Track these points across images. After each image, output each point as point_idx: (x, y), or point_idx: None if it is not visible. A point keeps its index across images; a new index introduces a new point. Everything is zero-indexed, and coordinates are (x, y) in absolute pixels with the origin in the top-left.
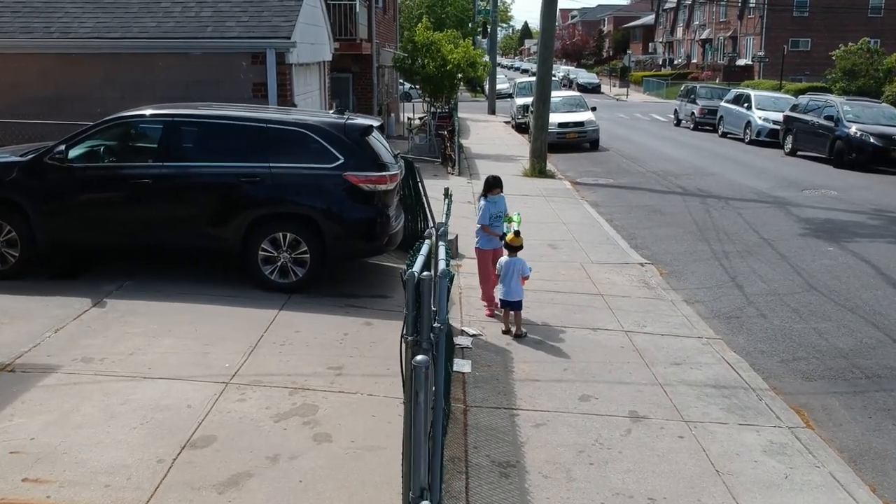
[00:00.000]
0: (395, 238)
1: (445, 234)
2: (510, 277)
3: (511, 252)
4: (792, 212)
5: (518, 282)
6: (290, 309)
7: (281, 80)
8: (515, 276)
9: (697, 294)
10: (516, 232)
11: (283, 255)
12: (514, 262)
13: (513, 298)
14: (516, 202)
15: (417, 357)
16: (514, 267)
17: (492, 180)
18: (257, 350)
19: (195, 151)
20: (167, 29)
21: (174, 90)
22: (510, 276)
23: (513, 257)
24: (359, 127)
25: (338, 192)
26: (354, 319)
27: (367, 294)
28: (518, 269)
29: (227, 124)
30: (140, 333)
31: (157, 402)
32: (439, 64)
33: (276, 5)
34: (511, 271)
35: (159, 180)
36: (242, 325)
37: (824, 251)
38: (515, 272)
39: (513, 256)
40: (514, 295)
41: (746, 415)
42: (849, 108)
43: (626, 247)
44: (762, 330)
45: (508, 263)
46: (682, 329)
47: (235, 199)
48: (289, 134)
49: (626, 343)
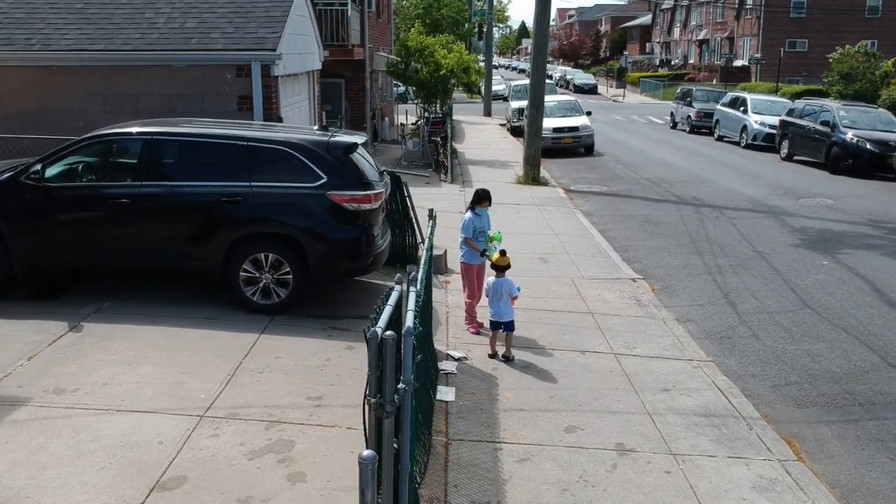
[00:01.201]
0: (381, 257)
1: (419, 280)
2: (499, 298)
3: (498, 272)
4: (787, 222)
5: (507, 302)
6: (271, 332)
7: (266, 92)
8: (504, 297)
9: (689, 312)
10: (502, 251)
11: (265, 275)
12: (502, 283)
13: (503, 319)
14: (508, 211)
15: (363, 453)
16: (501, 288)
17: (481, 192)
18: (235, 378)
19: (175, 170)
20: (151, 41)
21: (158, 103)
22: (499, 297)
23: (500, 278)
24: (342, 145)
25: (321, 212)
26: (336, 343)
27: (351, 314)
28: (506, 289)
29: (208, 142)
30: (116, 361)
31: (127, 439)
32: (432, 69)
33: (261, 16)
34: (499, 292)
35: (138, 200)
36: (222, 351)
37: (818, 265)
38: (504, 293)
39: (500, 277)
40: (504, 316)
41: (736, 446)
42: (845, 113)
43: (618, 260)
44: (754, 352)
45: (496, 284)
46: (673, 351)
47: (216, 219)
48: (271, 152)
49: (615, 367)
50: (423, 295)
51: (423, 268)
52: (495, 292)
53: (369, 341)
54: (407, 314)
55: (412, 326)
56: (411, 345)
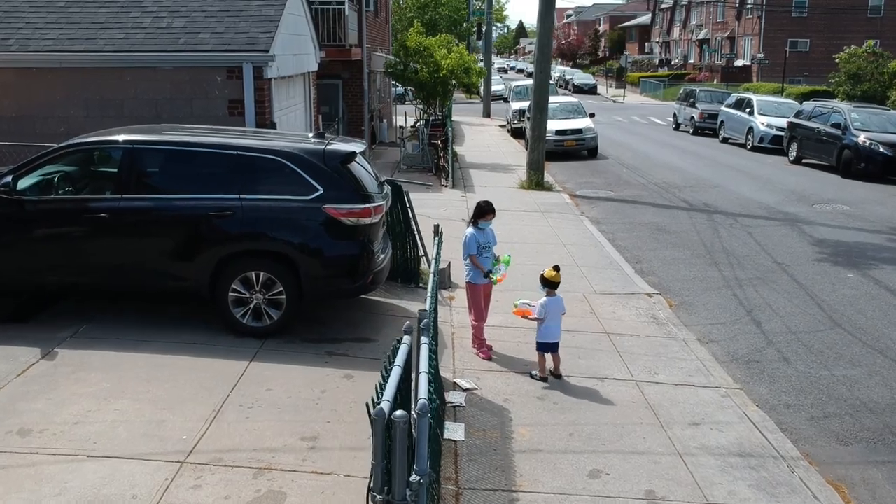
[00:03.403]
0: (381, 275)
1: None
2: (553, 318)
3: (550, 289)
4: (805, 230)
5: (560, 322)
6: (262, 359)
7: (259, 96)
8: (558, 316)
9: (711, 332)
10: (556, 267)
11: (255, 296)
12: (558, 301)
13: (554, 340)
14: (513, 219)
15: None
16: (557, 306)
17: (484, 205)
18: (221, 415)
19: (158, 182)
20: (136, 41)
21: (143, 107)
22: (553, 317)
23: (552, 296)
24: (339, 154)
25: (316, 227)
26: (334, 371)
27: (350, 337)
28: (560, 308)
29: (194, 152)
30: (90, 394)
31: (97, 492)
32: (432, 70)
33: (254, 15)
34: (554, 311)
35: (118, 214)
36: (207, 382)
37: (844, 278)
38: (558, 312)
39: (552, 295)
40: (556, 336)
41: (779, 493)
42: (857, 115)
43: (631, 273)
44: (786, 377)
45: (551, 303)
46: (698, 376)
47: (203, 234)
48: (262, 162)
49: (637, 397)
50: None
51: (430, 295)
52: (551, 311)
53: (374, 422)
54: (419, 381)
55: (427, 401)
56: (427, 426)
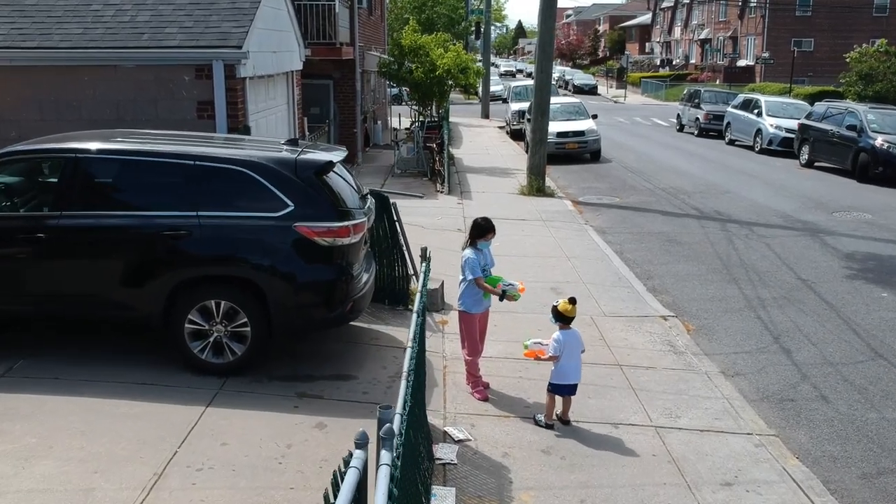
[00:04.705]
0: (363, 302)
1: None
2: (569, 356)
3: (565, 324)
4: (827, 242)
5: (579, 360)
6: (221, 403)
7: (231, 97)
8: (577, 353)
9: (737, 363)
10: (572, 299)
11: (216, 328)
12: (575, 336)
13: (572, 381)
14: (513, 229)
15: None
16: (575, 342)
17: (483, 223)
18: (163, 481)
19: (104, 197)
20: (94, 36)
21: (104, 110)
22: (571, 354)
23: (567, 329)
24: (313, 164)
25: (286, 248)
26: (304, 419)
27: (326, 374)
28: (579, 344)
29: (146, 162)
30: (9, 453)
31: None
32: (428, 69)
33: (226, 8)
34: (572, 348)
35: (58, 234)
36: (152, 434)
37: (878, 298)
38: (577, 348)
39: (567, 328)
40: (573, 377)
41: None
42: (873, 116)
43: (642, 290)
44: (827, 421)
45: (569, 338)
46: (726, 419)
47: (155, 257)
48: (224, 174)
49: (658, 448)
50: (416, 352)
51: (411, 342)
52: (570, 348)
53: None
54: None
55: None
56: None
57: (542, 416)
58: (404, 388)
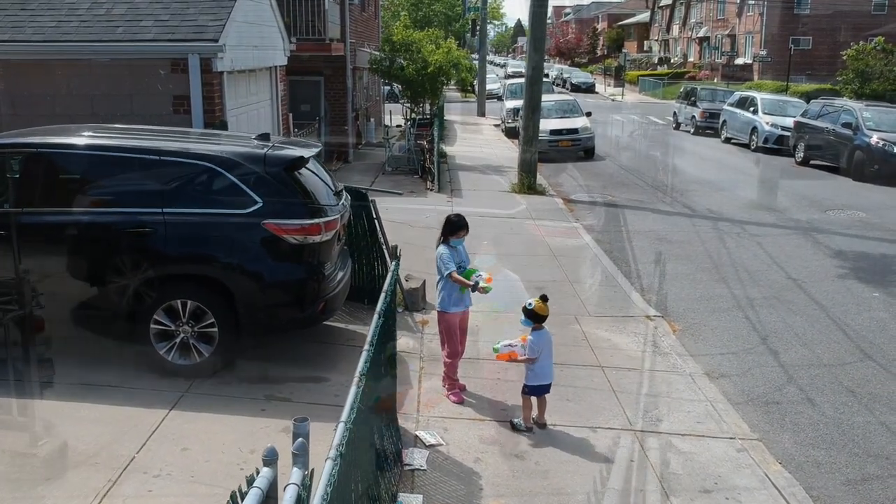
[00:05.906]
0: (336, 301)
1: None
2: (545, 355)
3: (538, 323)
4: (819, 241)
5: (552, 359)
6: (185, 406)
7: (208, 91)
8: (550, 352)
9: (722, 364)
10: (543, 297)
11: (182, 328)
12: (547, 336)
13: (549, 381)
14: (500, 226)
15: None
16: (548, 342)
17: (455, 220)
18: (118, 487)
19: (65, 194)
20: (68, 30)
21: (77, 105)
22: (547, 354)
23: (540, 329)
24: (284, 159)
25: (255, 246)
26: (269, 423)
27: (296, 375)
28: (551, 343)
29: (107, 157)
30: None
31: None
32: (419, 66)
33: (204, 0)
34: (547, 348)
35: (17, 232)
36: (110, 439)
37: (869, 298)
38: (550, 348)
39: (540, 328)
40: (549, 376)
41: None
42: (869, 114)
43: (629, 289)
44: (812, 424)
45: (542, 338)
46: (708, 423)
47: (118, 256)
48: (189, 169)
49: (637, 454)
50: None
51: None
52: (542, 348)
53: None
54: None
55: None
56: None
57: (520, 420)
58: (353, 395)
